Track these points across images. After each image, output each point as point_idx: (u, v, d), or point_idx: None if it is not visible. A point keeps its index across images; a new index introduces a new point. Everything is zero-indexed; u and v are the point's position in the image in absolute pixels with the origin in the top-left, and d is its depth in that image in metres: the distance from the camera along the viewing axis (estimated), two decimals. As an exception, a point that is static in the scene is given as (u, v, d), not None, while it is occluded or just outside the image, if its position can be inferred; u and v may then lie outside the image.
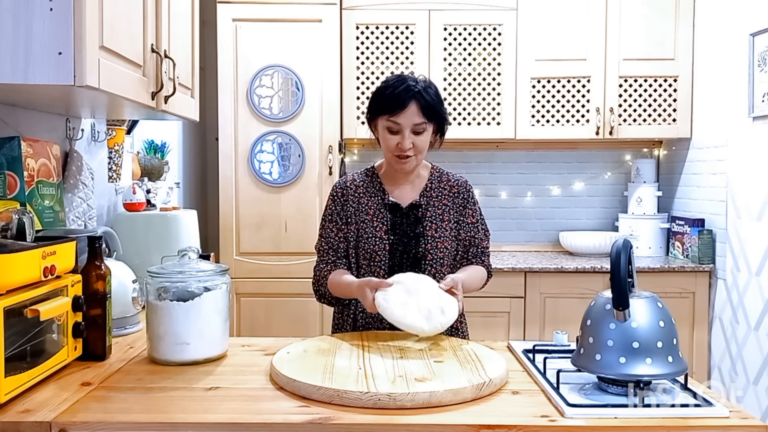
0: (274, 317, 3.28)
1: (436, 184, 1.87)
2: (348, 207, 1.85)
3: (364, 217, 1.83)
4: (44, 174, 1.84)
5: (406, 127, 1.74)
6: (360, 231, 1.82)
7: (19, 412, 1.19)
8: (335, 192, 1.88)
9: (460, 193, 1.88)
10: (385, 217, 1.82)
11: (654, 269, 3.19)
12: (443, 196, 1.86)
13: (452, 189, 1.88)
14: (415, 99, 1.73)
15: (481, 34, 3.41)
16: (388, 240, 1.80)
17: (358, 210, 1.84)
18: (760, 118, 2.86)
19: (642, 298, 1.27)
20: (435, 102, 1.76)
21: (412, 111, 1.73)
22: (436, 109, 1.77)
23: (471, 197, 1.89)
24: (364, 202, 1.84)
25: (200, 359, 1.50)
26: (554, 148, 3.77)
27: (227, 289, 1.56)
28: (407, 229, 1.82)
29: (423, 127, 1.75)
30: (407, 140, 1.74)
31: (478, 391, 1.27)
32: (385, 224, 1.81)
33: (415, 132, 1.75)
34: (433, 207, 1.84)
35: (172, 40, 1.97)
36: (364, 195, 1.85)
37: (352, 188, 1.87)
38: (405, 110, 1.73)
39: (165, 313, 1.48)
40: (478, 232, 1.88)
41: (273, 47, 3.27)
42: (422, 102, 1.73)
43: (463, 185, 1.89)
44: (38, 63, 1.35)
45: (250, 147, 3.29)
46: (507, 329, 3.20)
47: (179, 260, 1.57)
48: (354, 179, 1.89)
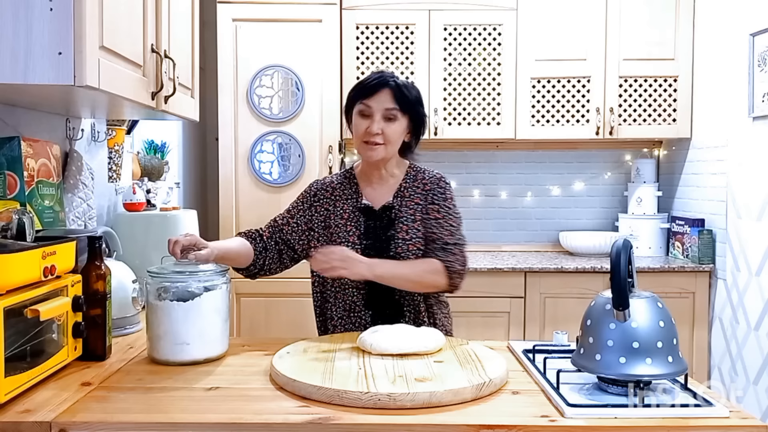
0: (274, 317, 3.28)
1: (411, 183, 1.84)
2: (317, 210, 1.85)
3: (338, 222, 1.82)
4: (44, 174, 1.84)
5: (377, 111, 1.75)
6: (332, 236, 1.81)
7: (19, 412, 1.19)
8: (309, 191, 1.89)
9: (431, 189, 1.83)
10: (358, 221, 1.81)
11: (654, 269, 3.19)
12: (416, 195, 1.83)
13: (425, 187, 1.84)
14: (388, 86, 1.76)
15: (481, 34, 3.41)
16: (360, 245, 1.78)
17: (331, 214, 1.83)
18: (760, 118, 2.86)
19: (642, 298, 1.27)
20: (410, 95, 1.78)
21: (385, 95, 1.75)
22: (411, 101, 1.78)
23: (441, 192, 1.83)
24: (338, 206, 1.83)
25: (200, 359, 1.49)
26: (554, 148, 3.77)
27: (227, 290, 1.56)
28: (380, 232, 1.79)
29: (394, 114, 1.76)
30: (377, 123, 1.75)
31: (478, 391, 1.26)
32: (358, 228, 1.80)
33: (386, 118, 1.75)
34: (406, 207, 1.81)
35: (172, 40, 1.97)
36: (339, 198, 1.84)
37: (328, 191, 1.86)
38: (378, 93, 1.76)
39: (165, 313, 1.48)
40: (442, 228, 1.79)
41: (273, 47, 3.27)
42: (396, 90, 1.76)
43: (435, 182, 1.84)
44: (38, 63, 1.35)
45: (250, 147, 3.29)
46: (507, 329, 3.20)
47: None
48: (332, 181, 1.89)
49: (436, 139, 3.42)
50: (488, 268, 3.18)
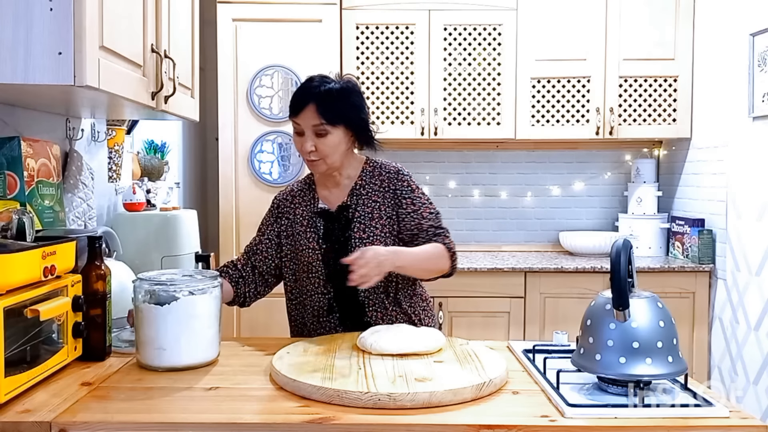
0: (274, 317, 3.27)
1: (368, 181, 1.81)
2: (281, 221, 1.85)
3: (299, 229, 1.81)
4: (44, 174, 1.84)
5: (306, 128, 1.71)
6: (296, 243, 1.80)
7: (19, 412, 1.19)
8: (273, 204, 1.89)
9: (391, 186, 1.79)
10: (316, 226, 1.79)
11: (654, 269, 3.19)
12: (374, 192, 1.80)
13: (383, 183, 1.80)
14: (313, 100, 1.69)
15: (481, 34, 3.41)
16: (320, 249, 1.77)
17: (293, 222, 1.82)
18: (760, 118, 2.86)
19: (642, 298, 1.27)
20: (339, 105, 1.70)
21: (310, 112, 1.69)
22: (339, 112, 1.70)
23: (404, 185, 1.80)
24: (299, 213, 1.83)
25: (178, 366, 1.44)
26: (554, 148, 3.77)
27: (216, 296, 1.50)
28: (338, 233, 1.78)
29: (324, 129, 1.69)
30: (308, 142, 1.71)
31: (478, 391, 1.26)
32: (317, 233, 1.79)
33: (317, 134, 1.70)
34: (362, 206, 1.78)
35: (172, 40, 1.97)
36: (299, 205, 1.84)
37: (288, 200, 1.86)
38: (303, 110, 1.70)
39: (143, 316, 1.45)
40: (423, 218, 1.77)
41: (273, 47, 3.27)
42: (320, 104, 1.68)
43: (394, 176, 1.80)
44: (38, 63, 1.35)
45: (250, 147, 3.29)
46: (507, 329, 3.20)
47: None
48: (293, 189, 1.89)
49: (436, 139, 3.41)
50: (488, 268, 3.18)
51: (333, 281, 1.76)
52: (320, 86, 1.71)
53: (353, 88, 1.76)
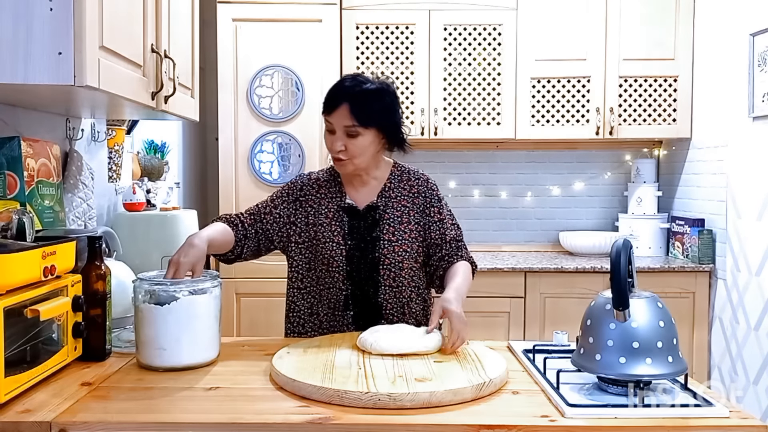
0: (274, 317, 3.27)
1: (396, 184, 1.82)
2: (304, 205, 1.81)
3: (323, 220, 1.78)
4: (44, 174, 1.84)
5: (338, 128, 1.69)
6: (317, 234, 1.78)
7: (19, 412, 1.19)
8: (294, 184, 1.84)
9: (421, 192, 1.82)
10: (342, 221, 1.78)
11: (654, 269, 3.19)
12: (403, 196, 1.81)
13: (412, 189, 1.82)
14: (347, 101, 1.67)
15: (481, 34, 3.41)
16: (345, 245, 1.76)
17: (317, 212, 1.80)
18: (760, 118, 2.86)
19: (642, 298, 1.27)
20: (373, 107, 1.69)
21: (343, 111, 1.67)
22: (372, 114, 1.68)
23: (433, 195, 1.83)
24: (324, 204, 1.80)
25: (178, 366, 1.43)
26: (554, 148, 3.77)
27: (216, 296, 1.50)
28: (364, 232, 1.77)
29: (356, 131, 1.68)
30: (338, 141, 1.69)
31: (478, 391, 1.26)
32: (343, 228, 1.77)
33: (348, 134, 1.69)
34: (392, 209, 1.79)
35: (172, 40, 1.97)
36: (325, 196, 1.81)
37: (314, 188, 1.83)
38: (337, 109, 1.68)
39: (142, 316, 1.45)
40: (448, 228, 1.82)
41: (273, 47, 3.27)
42: (354, 104, 1.67)
43: (423, 184, 1.83)
44: (38, 63, 1.35)
45: (250, 147, 3.29)
46: (507, 329, 3.20)
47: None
48: (318, 177, 1.85)
49: (436, 139, 3.42)
50: (488, 268, 3.18)
51: (352, 278, 1.76)
52: (355, 86, 1.70)
53: (388, 90, 1.75)
